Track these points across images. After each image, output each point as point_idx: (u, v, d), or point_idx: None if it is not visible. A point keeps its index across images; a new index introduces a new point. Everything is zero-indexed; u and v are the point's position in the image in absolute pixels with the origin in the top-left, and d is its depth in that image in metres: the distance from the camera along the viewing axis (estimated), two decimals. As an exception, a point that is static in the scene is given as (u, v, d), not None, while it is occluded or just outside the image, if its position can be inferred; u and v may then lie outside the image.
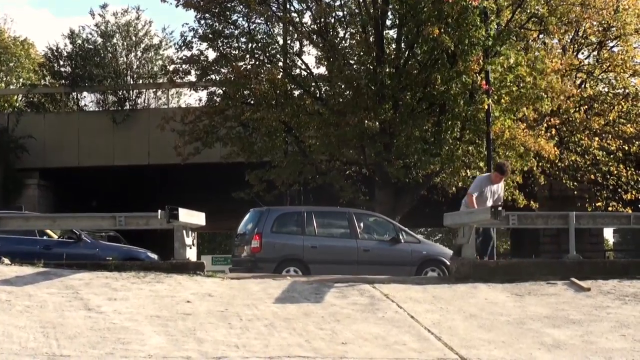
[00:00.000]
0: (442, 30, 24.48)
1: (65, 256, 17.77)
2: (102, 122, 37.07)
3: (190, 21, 66.68)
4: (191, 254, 16.25)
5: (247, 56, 28.01)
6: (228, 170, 28.09)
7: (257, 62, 27.87)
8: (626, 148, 31.01)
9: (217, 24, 27.96)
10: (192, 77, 29.52)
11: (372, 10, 26.16)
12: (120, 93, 38.95)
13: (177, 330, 11.37)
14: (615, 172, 30.84)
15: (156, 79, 40.58)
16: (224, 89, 27.91)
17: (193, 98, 54.75)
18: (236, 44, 28.16)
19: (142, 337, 10.94)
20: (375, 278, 15.69)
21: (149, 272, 14.93)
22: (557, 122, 30.15)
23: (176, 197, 18.00)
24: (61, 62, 41.88)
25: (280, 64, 28.00)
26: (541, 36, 29.01)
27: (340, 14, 27.43)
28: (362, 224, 21.65)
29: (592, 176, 31.03)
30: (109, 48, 40.52)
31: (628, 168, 30.88)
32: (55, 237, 21.19)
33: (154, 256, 22.22)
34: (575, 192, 31.06)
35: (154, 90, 40.89)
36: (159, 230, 17.74)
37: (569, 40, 31.38)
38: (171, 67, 30.95)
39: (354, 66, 26.87)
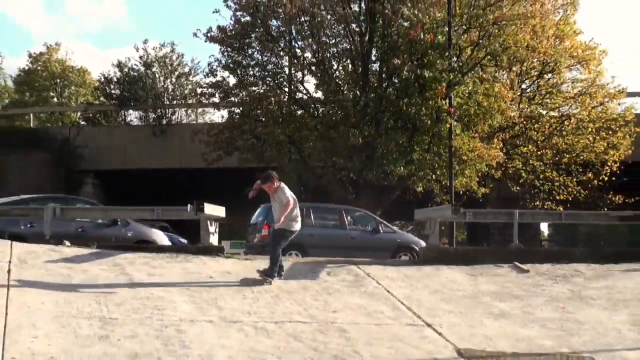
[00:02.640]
0: (414, 64, 24.75)
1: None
2: (144, 134, 37.14)
3: (215, 53, 66.73)
4: (214, 240, 16.29)
5: (260, 82, 28.05)
6: (243, 174, 28.03)
7: (268, 88, 27.91)
8: (558, 159, 31.23)
9: (236, 56, 28.00)
10: (215, 99, 29.57)
11: (359, 48, 26.27)
12: (158, 111, 39.03)
13: (202, 300, 11.39)
14: (550, 177, 31.01)
15: (187, 100, 40.68)
16: (241, 109, 27.96)
17: (216, 116, 54.52)
18: (251, 73, 28.18)
19: (174, 305, 10.97)
20: (359, 260, 15.71)
21: (180, 253, 14.94)
22: (506, 137, 30.39)
23: (201, 195, 17.97)
24: (112, 86, 42.00)
25: (286, 89, 28.04)
26: (493, 70, 29.12)
27: (335, 50, 27.52)
28: (350, 218, 21.70)
29: (532, 181, 31.19)
30: (149, 75, 40.60)
31: (560, 175, 31.05)
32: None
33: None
34: (518, 194, 31.14)
35: (185, 109, 40.92)
36: (188, 220, 17.74)
37: (515, 73, 31.60)
38: (199, 91, 31.06)
39: (345, 92, 26.94)
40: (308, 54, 27.92)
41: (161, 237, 19.76)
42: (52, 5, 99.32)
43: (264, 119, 27.15)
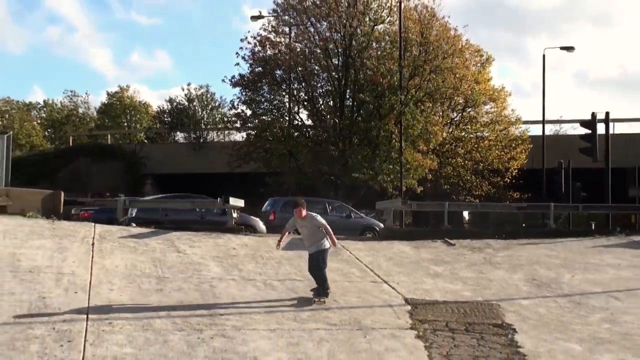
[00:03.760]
0: (375, 99, 24.94)
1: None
2: (187, 149, 37.03)
3: (237, 93, 66.48)
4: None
5: (268, 113, 28.04)
6: (257, 177, 28.04)
7: (273, 117, 27.90)
8: (476, 167, 31.44)
9: (252, 95, 27.98)
10: (237, 125, 29.51)
11: (338, 89, 26.39)
12: (197, 133, 39.02)
13: (227, 264, 11.39)
14: (470, 180, 31.25)
15: (217, 125, 40.68)
16: (254, 131, 27.95)
17: (238, 136, 54.52)
18: (262, 106, 28.15)
19: (208, 268, 10.96)
20: (337, 237, 15.66)
21: (213, 232, 14.90)
22: (440, 151, 30.53)
23: (227, 191, 17.88)
24: (165, 115, 41.95)
25: (286, 118, 28.05)
26: (430, 104, 29.29)
27: (320, 91, 27.63)
28: (331, 207, 21.63)
29: (457, 182, 31.35)
30: (191, 107, 40.64)
31: (477, 178, 31.28)
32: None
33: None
34: (448, 191, 31.28)
35: (216, 131, 40.91)
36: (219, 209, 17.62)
37: (446, 106, 31.80)
38: (225, 119, 30.99)
39: (327, 120, 27.01)
40: (302, 94, 28.01)
41: (258, 222, 18.19)
42: (120, 59, 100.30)
43: (271, 139, 27.15)
